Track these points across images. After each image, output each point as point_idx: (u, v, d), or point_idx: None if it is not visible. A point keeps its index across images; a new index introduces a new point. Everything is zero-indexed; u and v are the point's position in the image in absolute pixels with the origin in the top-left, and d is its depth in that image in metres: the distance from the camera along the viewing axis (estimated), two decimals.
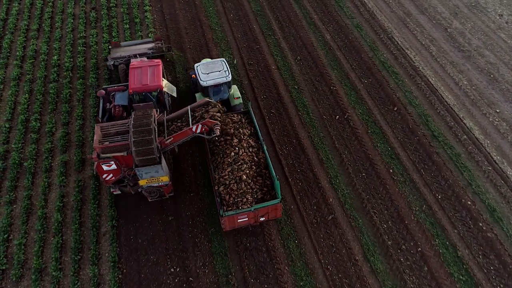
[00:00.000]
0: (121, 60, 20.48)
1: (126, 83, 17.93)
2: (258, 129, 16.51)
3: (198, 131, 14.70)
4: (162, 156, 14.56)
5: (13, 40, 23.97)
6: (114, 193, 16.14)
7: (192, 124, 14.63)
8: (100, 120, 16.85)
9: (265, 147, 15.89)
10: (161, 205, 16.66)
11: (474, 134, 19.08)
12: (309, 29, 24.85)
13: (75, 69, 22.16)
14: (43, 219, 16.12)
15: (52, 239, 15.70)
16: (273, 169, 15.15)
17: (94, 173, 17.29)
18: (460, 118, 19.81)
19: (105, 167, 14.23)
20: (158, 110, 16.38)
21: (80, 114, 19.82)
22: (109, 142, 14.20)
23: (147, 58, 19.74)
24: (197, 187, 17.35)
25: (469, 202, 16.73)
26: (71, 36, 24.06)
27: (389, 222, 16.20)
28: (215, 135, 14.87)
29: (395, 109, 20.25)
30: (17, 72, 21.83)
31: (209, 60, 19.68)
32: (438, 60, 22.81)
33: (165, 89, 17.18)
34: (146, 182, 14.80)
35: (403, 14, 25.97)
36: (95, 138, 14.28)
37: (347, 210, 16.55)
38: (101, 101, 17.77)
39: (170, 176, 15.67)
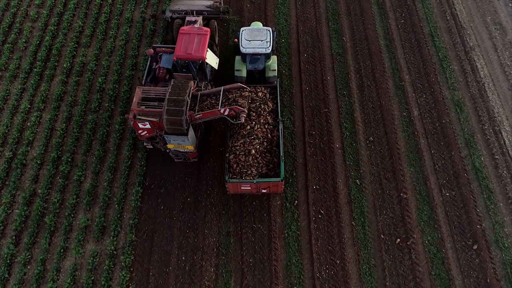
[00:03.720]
0: (179, 14, 20.99)
1: (174, 46, 18.14)
2: (279, 107, 17.19)
3: (226, 113, 15.51)
4: (191, 128, 15.76)
5: (64, 44, 22.07)
6: (147, 147, 17.67)
7: (222, 106, 15.62)
8: (143, 82, 17.80)
9: (281, 126, 16.65)
10: None
11: None
12: (394, 96, 20.12)
13: (118, 100, 20.03)
14: None
15: None
16: (282, 149, 16.15)
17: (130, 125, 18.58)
18: None
19: (140, 125, 15.75)
20: (197, 81, 17.63)
21: (112, 164, 18.07)
22: (145, 107, 15.60)
23: (203, 18, 20.64)
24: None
25: None
26: (123, 51, 21.58)
27: None
28: (239, 121, 15.67)
29: (475, 247, 16.11)
30: (60, 91, 20.19)
31: (258, 25, 19.70)
32: None
33: (207, 61, 17.49)
34: (174, 147, 16.39)
35: None
36: (134, 99, 15.71)
37: None
38: (149, 60, 18.45)
39: (196, 145, 17.09)
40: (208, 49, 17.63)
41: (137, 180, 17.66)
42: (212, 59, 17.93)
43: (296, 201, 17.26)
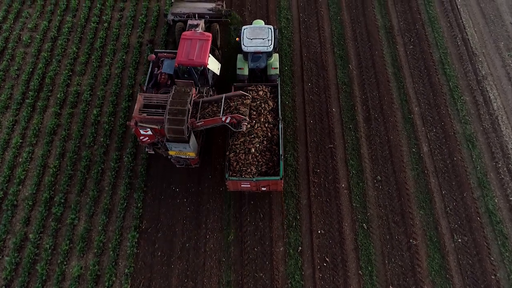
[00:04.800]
0: (180, 17, 20.92)
1: (176, 51, 17.91)
2: (280, 106, 17.33)
3: (227, 121, 15.56)
4: (192, 135, 15.72)
5: (58, 72, 21.15)
6: (149, 152, 17.49)
7: (223, 114, 15.63)
8: (145, 88, 17.52)
9: (281, 125, 16.77)
10: None
11: None
12: (403, 130, 19.18)
13: (113, 135, 19.14)
14: None
15: None
16: (282, 148, 16.30)
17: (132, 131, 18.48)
18: None
19: (142, 132, 15.73)
20: (199, 87, 17.54)
21: (107, 205, 17.23)
22: (147, 114, 15.57)
23: (205, 21, 20.46)
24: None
25: None
26: (119, 80, 20.66)
27: None
28: (241, 130, 15.79)
29: None
30: (54, 123, 19.31)
31: (259, 24, 19.44)
32: None
33: (209, 67, 17.36)
34: (175, 153, 16.43)
35: None
36: (136, 106, 15.61)
37: None
38: (151, 65, 18.34)
39: (198, 151, 17.02)
40: (210, 54, 17.53)
41: (133, 223, 16.84)
42: (213, 65, 17.77)
43: (300, 247, 16.41)
